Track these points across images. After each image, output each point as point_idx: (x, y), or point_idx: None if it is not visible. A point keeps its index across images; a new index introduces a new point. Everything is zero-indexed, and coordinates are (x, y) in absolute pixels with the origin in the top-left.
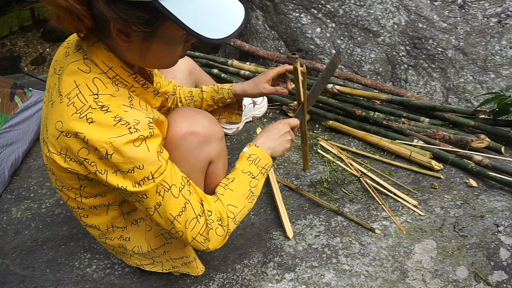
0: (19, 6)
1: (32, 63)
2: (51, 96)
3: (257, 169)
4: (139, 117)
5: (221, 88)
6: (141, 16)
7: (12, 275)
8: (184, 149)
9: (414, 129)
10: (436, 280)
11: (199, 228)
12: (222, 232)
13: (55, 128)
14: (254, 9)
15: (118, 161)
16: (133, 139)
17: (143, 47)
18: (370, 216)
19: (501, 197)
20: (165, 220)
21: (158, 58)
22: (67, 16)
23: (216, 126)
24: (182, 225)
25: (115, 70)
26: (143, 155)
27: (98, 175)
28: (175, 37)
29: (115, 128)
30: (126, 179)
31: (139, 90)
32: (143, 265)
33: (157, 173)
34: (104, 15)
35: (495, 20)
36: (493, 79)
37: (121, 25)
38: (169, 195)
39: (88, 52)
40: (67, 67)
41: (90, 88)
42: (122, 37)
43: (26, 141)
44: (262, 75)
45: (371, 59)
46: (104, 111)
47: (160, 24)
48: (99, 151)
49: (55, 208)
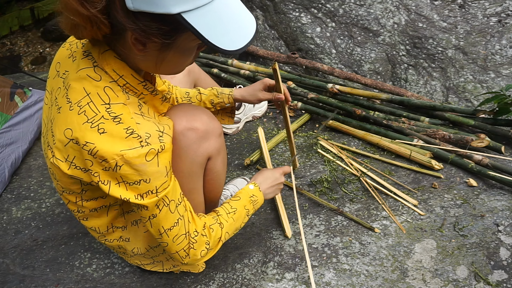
0: (19, 6)
1: (32, 62)
2: (56, 100)
3: (252, 209)
4: (150, 130)
5: (221, 92)
6: (162, 28)
7: (12, 275)
8: (183, 145)
9: (414, 129)
10: (436, 280)
11: (184, 244)
12: (205, 253)
13: (63, 135)
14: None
15: (126, 173)
16: (145, 153)
17: (159, 57)
18: (370, 215)
19: (501, 197)
20: (155, 230)
21: (172, 66)
22: (87, 24)
23: (215, 122)
24: (170, 239)
25: (126, 78)
26: (152, 170)
27: (100, 185)
28: (190, 47)
29: (126, 141)
30: (129, 190)
31: (148, 97)
32: (144, 265)
33: (161, 188)
34: (123, 25)
35: (495, 20)
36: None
37: (139, 35)
38: (166, 210)
39: (98, 59)
40: (76, 74)
41: (101, 97)
42: (138, 46)
43: (26, 140)
44: (259, 83)
45: (371, 58)
46: (117, 122)
47: (179, 36)
48: (107, 162)
49: (55, 208)
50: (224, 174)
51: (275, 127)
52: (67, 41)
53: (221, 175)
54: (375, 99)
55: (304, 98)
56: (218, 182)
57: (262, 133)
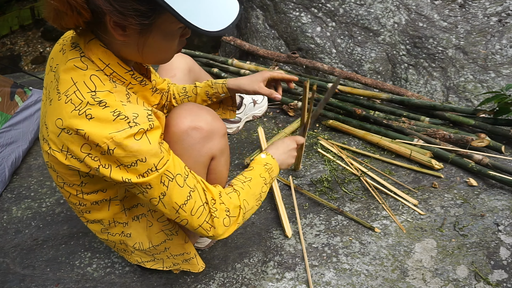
0: (19, 5)
1: (32, 62)
2: (49, 94)
3: (269, 177)
4: (137, 110)
5: (215, 83)
6: (138, 9)
7: (13, 274)
8: (187, 144)
9: (414, 128)
10: (436, 279)
11: (205, 215)
12: (228, 222)
13: (55, 125)
14: (254, 8)
15: (120, 156)
16: (134, 133)
17: (140, 41)
18: (370, 215)
19: (501, 196)
20: (170, 209)
21: (155, 52)
22: (68, 10)
23: (219, 122)
24: (188, 213)
25: (112, 67)
26: (145, 148)
27: (101, 170)
28: (171, 31)
29: (114, 123)
30: (129, 172)
31: (137, 87)
32: (144, 262)
33: (160, 164)
34: (100, 7)
35: (496, 19)
36: (494, 78)
37: (117, 18)
38: (173, 184)
39: (84, 49)
40: (64, 65)
41: (87, 85)
42: (118, 30)
43: (26, 140)
44: (259, 74)
45: (371, 58)
46: (102, 106)
47: (157, 17)
48: (100, 147)
49: (55, 207)
50: (227, 174)
51: (275, 126)
52: (61, 37)
53: (223, 175)
54: (375, 99)
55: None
56: (221, 182)
57: (262, 132)
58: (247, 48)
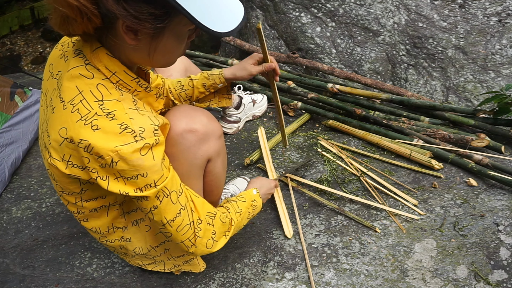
0: (19, 6)
1: (32, 62)
2: (51, 101)
3: (252, 213)
4: (144, 124)
5: (211, 74)
6: (153, 12)
7: (13, 274)
8: (183, 147)
9: (414, 128)
10: (436, 279)
11: (189, 234)
12: (211, 245)
13: (58, 134)
14: (254, 8)
15: (123, 169)
16: (139, 148)
17: (152, 45)
18: (370, 215)
19: (501, 196)
20: (158, 221)
21: (165, 56)
22: (77, 16)
23: (215, 123)
24: (174, 229)
25: (119, 75)
26: (148, 164)
27: (99, 181)
28: (182, 33)
29: (120, 136)
30: (128, 185)
31: (142, 94)
32: (145, 265)
33: (160, 180)
34: (113, 13)
35: (495, 19)
36: (493, 78)
37: (131, 22)
38: (167, 200)
39: (90, 57)
40: (68, 73)
41: (94, 94)
42: (130, 35)
43: (26, 140)
44: (249, 57)
45: (371, 58)
46: (110, 118)
47: (171, 20)
48: (103, 159)
49: (55, 207)
50: (224, 175)
51: (275, 126)
52: (59, 43)
53: (221, 177)
54: (375, 99)
55: (304, 98)
56: (218, 184)
57: (262, 132)
58: (247, 48)
